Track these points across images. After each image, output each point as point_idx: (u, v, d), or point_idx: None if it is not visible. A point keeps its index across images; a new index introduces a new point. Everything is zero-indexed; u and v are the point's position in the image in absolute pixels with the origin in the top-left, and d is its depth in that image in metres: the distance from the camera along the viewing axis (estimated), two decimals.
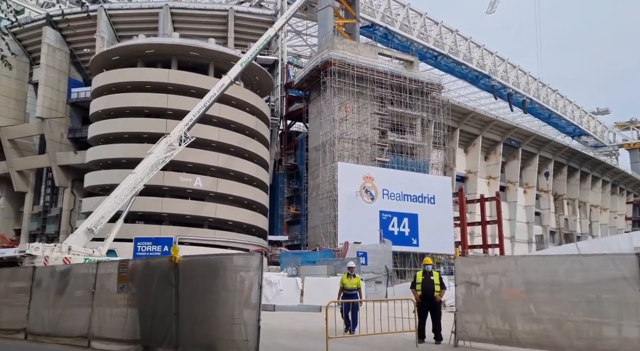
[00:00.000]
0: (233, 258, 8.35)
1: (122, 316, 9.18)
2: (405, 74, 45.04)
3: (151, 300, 8.87)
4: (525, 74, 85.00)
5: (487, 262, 9.21)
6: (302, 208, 47.65)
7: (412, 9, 67.56)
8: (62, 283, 10.59)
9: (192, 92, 38.03)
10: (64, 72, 52.75)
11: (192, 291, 8.43)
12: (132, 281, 9.32)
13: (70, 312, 10.26)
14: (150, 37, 41.45)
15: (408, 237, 42.05)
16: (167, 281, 8.65)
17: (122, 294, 9.39)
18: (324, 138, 42.98)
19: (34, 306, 11.01)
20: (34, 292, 11.07)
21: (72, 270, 10.68)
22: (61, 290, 10.53)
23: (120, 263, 9.66)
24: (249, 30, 51.11)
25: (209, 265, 8.58)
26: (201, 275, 8.44)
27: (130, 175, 26.10)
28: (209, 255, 11.99)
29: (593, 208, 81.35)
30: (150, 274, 9.13)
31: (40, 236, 51.42)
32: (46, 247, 22.50)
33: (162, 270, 8.85)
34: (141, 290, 9.20)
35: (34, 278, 11.17)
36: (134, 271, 9.40)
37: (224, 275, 8.05)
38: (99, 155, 39.41)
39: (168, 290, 8.60)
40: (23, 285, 11.32)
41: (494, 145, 64.19)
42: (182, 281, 8.49)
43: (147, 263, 9.59)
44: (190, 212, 37.46)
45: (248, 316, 7.41)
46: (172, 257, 8.59)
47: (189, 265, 8.67)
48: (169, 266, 8.68)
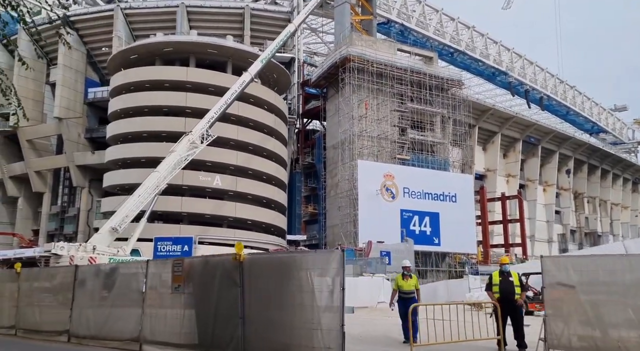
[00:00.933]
0: (308, 256, 7.80)
1: (177, 318, 8.62)
2: (425, 70, 44.30)
3: (212, 302, 8.33)
4: (542, 70, 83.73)
5: (586, 261, 8.05)
6: (320, 207, 47.12)
7: (428, 5, 66.78)
8: (109, 282, 10.10)
9: (211, 90, 37.70)
10: (81, 72, 52.77)
11: (261, 292, 7.85)
12: (189, 281, 8.74)
13: (118, 314, 9.73)
14: (169, 35, 41.20)
15: (429, 236, 41.33)
16: (230, 281, 8.10)
17: (178, 295, 8.80)
18: (343, 136, 42.39)
19: (78, 307, 10.51)
20: (77, 292, 10.58)
21: (119, 269, 10.16)
22: (107, 290, 10.04)
23: (175, 262, 9.07)
24: (265, 27, 50.72)
25: (280, 264, 8.01)
26: (271, 274, 7.88)
27: (153, 174, 25.77)
28: (279, 253, 11.41)
29: (614, 207, 79.84)
30: (210, 273, 8.56)
31: (58, 236, 51.47)
32: (71, 247, 22.24)
33: (224, 269, 8.31)
34: (200, 290, 8.62)
35: (76, 278, 10.67)
36: (191, 271, 8.82)
37: (298, 275, 7.44)
38: (118, 155, 39.21)
39: (232, 291, 8.06)
40: (64, 285, 10.85)
41: (513, 143, 63.14)
42: (248, 281, 7.94)
43: (207, 261, 8.95)
44: (209, 211, 37.12)
45: (330, 320, 6.83)
46: (236, 254, 8.00)
47: (255, 263, 8.13)
48: (232, 264, 8.10)
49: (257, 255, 8.54)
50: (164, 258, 9.54)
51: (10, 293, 12.13)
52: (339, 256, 7.18)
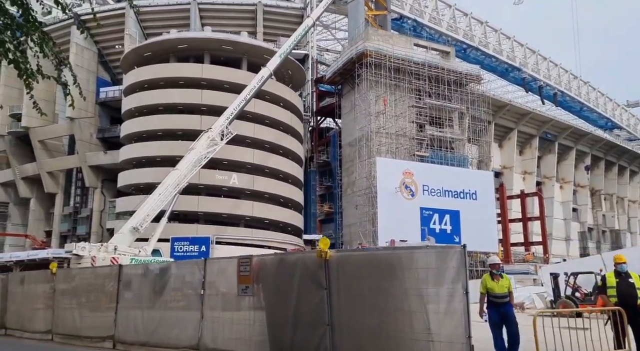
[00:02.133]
0: (418, 254, 6.70)
1: (246, 324, 7.67)
2: (442, 64, 43.40)
3: (289, 306, 7.37)
4: (556, 66, 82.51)
5: None
6: (336, 206, 46.30)
7: (441, 1, 65.90)
8: (159, 283, 9.20)
9: (226, 87, 37.05)
10: (92, 72, 52.33)
11: (353, 294, 6.83)
12: (260, 283, 7.81)
13: (172, 318, 8.78)
14: (183, 32, 40.55)
15: (450, 235, 40.37)
16: (313, 283, 7.15)
17: (245, 298, 7.85)
18: (360, 133, 41.55)
19: (123, 311, 9.67)
20: (122, 294, 9.77)
21: (171, 269, 9.28)
22: (158, 292, 9.15)
23: (241, 260, 8.07)
24: (279, 24, 50.11)
25: (378, 262, 6.87)
26: (366, 274, 6.83)
27: (173, 172, 25.08)
28: (376, 250, 10.27)
29: (631, 204, 78.49)
30: (287, 273, 7.61)
31: (71, 237, 50.98)
32: (92, 247, 21.52)
33: (305, 269, 7.39)
34: (273, 293, 7.72)
35: (120, 279, 9.85)
36: (262, 271, 7.89)
37: (403, 275, 6.42)
38: (132, 154, 38.59)
39: (316, 293, 7.09)
40: (107, 286, 10.04)
41: (529, 139, 62.12)
42: (337, 282, 6.96)
43: (282, 259, 8.02)
44: (226, 211, 36.43)
45: (451, 330, 5.84)
46: (321, 251, 7.05)
47: (346, 261, 7.11)
48: (316, 263, 7.16)
49: (348, 252, 7.61)
50: (228, 257, 8.54)
51: (45, 295, 11.33)
52: (459, 253, 6.14)
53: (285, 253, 8.83)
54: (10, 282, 12.30)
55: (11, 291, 12.08)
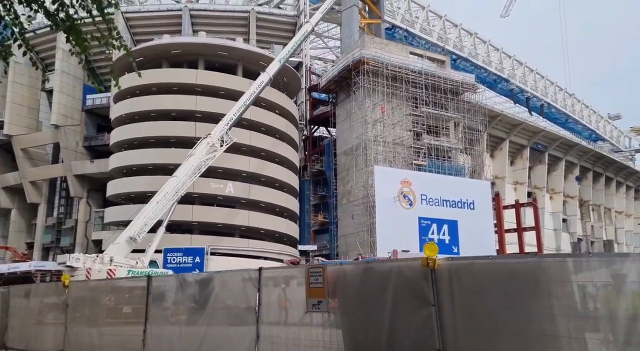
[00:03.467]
0: (574, 264, 5.33)
1: (318, 347, 6.49)
2: (439, 73, 43.06)
3: (380, 327, 6.10)
4: (542, 77, 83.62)
5: None
6: (331, 216, 45.33)
7: (431, 11, 66.18)
8: (201, 296, 8.02)
9: (221, 94, 36.12)
10: (79, 78, 50.81)
11: (476, 314, 5.57)
12: (337, 297, 6.61)
13: (217, 335, 7.58)
14: (177, 36, 39.52)
15: (448, 245, 39.69)
16: (415, 298, 5.93)
17: (317, 315, 6.62)
18: (357, 141, 40.84)
19: (154, 328, 8.47)
20: (152, 309, 8.58)
21: (214, 280, 8.03)
22: (199, 305, 7.98)
23: (312, 270, 6.78)
24: (271, 31, 49.54)
25: (514, 274, 5.47)
26: (495, 288, 5.58)
27: (172, 179, 23.94)
28: (502, 257, 8.77)
29: (617, 215, 79.10)
30: (376, 286, 6.30)
31: (55, 249, 49.14)
32: (87, 258, 20.21)
33: (402, 280, 6.15)
34: (356, 310, 6.42)
35: (149, 291, 8.69)
36: (340, 282, 6.63)
37: (551, 291, 5.15)
38: (123, 162, 37.21)
39: (419, 312, 5.87)
40: (133, 300, 8.89)
41: (521, 150, 62.09)
42: (450, 297, 5.74)
43: (368, 269, 6.67)
44: (221, 220, 35.21)
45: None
46: (426, 258, 5.83)
47: (464, 272, 5.83)
48: (418, 273, 5.95)
49: (467, 260, 6.27)
50: (286, 266, 7.38)
51: (55, 311, 10.09)
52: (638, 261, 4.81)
53: (375, 262, 7.66)
54: (12, 296, 11.02)
55: (13, 306, 10.81)
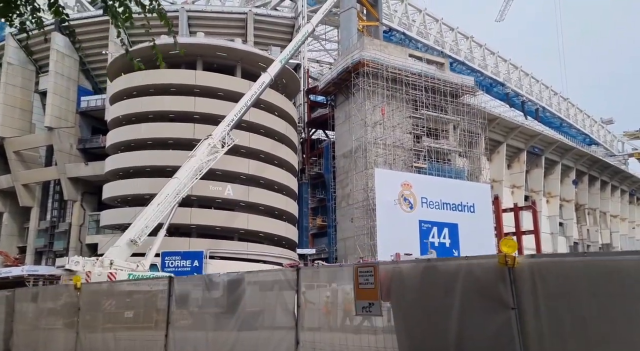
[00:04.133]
0: None
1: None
2: (439, 75, 42.84)
3: (446, 332, 5.49)
4: (537, 81, 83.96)
5: None
6: (330, 219, 44.86)
7: (428, 15, 66.24)
8: (230, 299, 7.43)
9: (220, 95, 35.64)
10: (74, 80, 50.15)
11: (568, 320, 4.89)
12: (392, 299, 5.98)
13: (251, 340, 6.97)
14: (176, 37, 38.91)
15: (449, 248, 39.37)
16: (489, 300, 5.30)
17: (368, 319, 6.05)
18: (356, 144, 40.48)
19: (177, 332, 7.86)
20: (174, 312, 7.97)
21: (245, 280, 7.38)
22: (228, 309, 7.40)
23: (361, 269, 6.18)
24: (269, 33, 49.14)
25: (617, 274, 4.69)
26: (592, 290, 4.82)
27: (173, 181, 23.37)
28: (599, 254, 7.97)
29: (612, 218, 79.28)
30: (440, 287, 5.67)
31: (48, 253, 48.27)
32: (87, 261, 19.58)
33: (473, 281, 5.49)
34: (416, 313, 5.79)
35: (171, 293, 8.08)
36: (395, 283, 5.99)
37: None
38: (119, 164, 36.51)
39: (494, 316, 5.22)
40: (152, 302, 8.32)
41: (518, 153, 62.05)
42: (533, 300, 5.05)
43: (430, 268, 5.93)
44: (220, 223, 34.62)
45: None
46: (504, 255, 5.18)
47: (550, 271, 5.12)
48: (493, 273, 5.30)
49: (553, 258, 5.58)
50: (336, 265, 6.80)
51: (65, 315, 9.47)
52: None
53: (437, 259, 6.99)
54: (18, 300, 10.40)
55: (19, 310, 10.20)
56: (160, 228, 24.12)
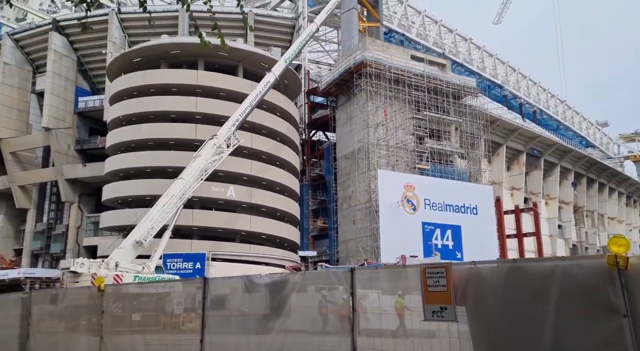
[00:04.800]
0: None
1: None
2: (441, 76, 42.65)
3: (536, 342, 4.95)
4: (535, 84, 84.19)
5: None
6: (331, 221, 44.49)
7: (427, 17, 66.21)
8: (274, 301, 7.01)
9: (222, 95, 35.25)
10: (71, 80, 49.56)
11: None
12: (468, 303, 5.49)
13: (301, 348, 6.49)
14: (177, 36, 38.55)
15: (452, 250, 39.10)
16: (592, 306, 4.79)
17: (440, 324, 5.52)
18: (358, 145, 40.17)
19: (214, 338, 7.35)
20: (210, 316, 7.53)
21: (290, 282, 6.99)
22: (273, 312, 6.99)
23: (429, 269, 5.70)
24: (269, 34, 48.79)
25: None
26: None
27: (178, 181, 22.94)
28: None
29: (610, 221, 79.40)
30: (530, 290, 5.11)
31: (44, 255, 47.61)
32: (92, 263, 19.09)
33: (572, 283, 4.92)
34: (499, 320, 5.23)
35: (205, 296, 7.64)
36: (472, 285, 5.51)
37: None
38: (119, 165, 35.99)
39: (601, 325, 4.72)
40: (186, 306, 7.89)
41: (517, 155, 61.95)
42: None
43: (517, 270, 5.36)
44: (222, 225, 34.18)
45: None
46: (614, 255, 4.71)
47: None
48: (598, 275, 4.83)
49: None
50: (398, 266, 6.25)
51: (88, 318, 9.01)
52: None
53: (521, 259, 6.43)
54: (35, 302, 9.92)
55: (36, 313, 9.73)
56: (163, 230, 23.63)
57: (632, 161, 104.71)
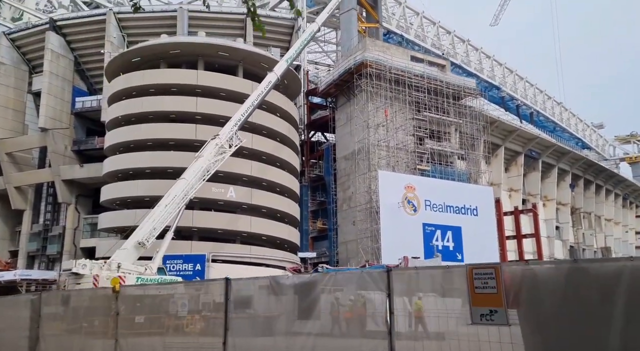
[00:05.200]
0: None
1: None
2: (441, 77, 42.57)
3: (603, 349, 4.61)
4: (532, 85, 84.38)
5: None
6: (331, 222, 44.27)
7: (425, 18, 66.18)
8: (303, 303, 6.74)
9: (222, 95, 34.99)
10: (68, 80, 49.14)
11: None
12: (521, 306, 5.18)
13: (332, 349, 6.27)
14: (177, 36, 38.25)
15: (452, 252, 38.95)
16: None
17: (489, 328, 5.17)
18: (359, 146, 39.99)
19: (238, 341, 7.04)
20: (233, 318, 7.21)
21: (319, 283, 6.67)
22: (302, 314, 6.70)
23: (476, 270, 5.38)
24: (268, 34, 48.40)
25: None
26: None
27: (180, 182, 22.66)
28: None
29: (607, 222, 79.59)
30: (593, 293, 4.82)
31: (40, 257, 47.15)
32: (94, 265, 18.78)
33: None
34: (557, 324, 4.93)
35: (228, 297, 7.32)
36: (525, 287, 5.20)
37: None
38: (118, 165, 35.63)
39: None
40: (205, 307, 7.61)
41: (515, 156, 61.95)
42: None
43: (579, 271, 5.05)
44: (222, 226, 33.88)
45: None
46: None
47: None
48: None
49: None
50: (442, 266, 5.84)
51: (102, 320, 8.69)
52: None
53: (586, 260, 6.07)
54: (45, 304, 9.59)
55: (47, 315, 9.41)
56: (164, 231, 23.34)
57: (628, 163, 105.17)
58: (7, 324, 10.62)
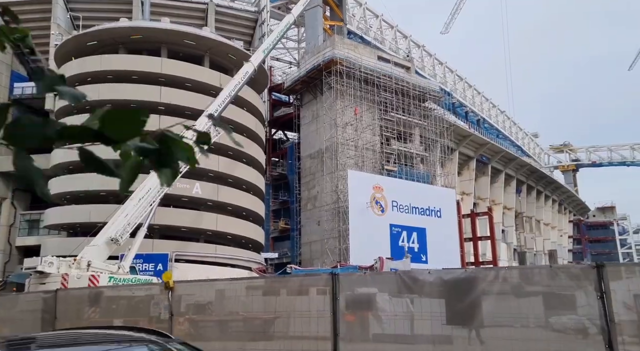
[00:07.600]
0: None
1: None
2: (407, 79, 42.56)
3: None
4: (479, 93, 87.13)
5: None
6: (293, 222, 43.09)
7: (384, 21, 66.51)
8: (460, 304, 5.50)
9: (188, 86, 32.97)
10: (6, 64, 44.94)
11: None
12: None
13: None
14: (139, 21, 35.70)
15: (417, 253, 38.84)
16: None
17: None
18: (326, 144, 39.13)
19: (357, 348, 5.75)
20: (346, 322, 5.66)
21: (481, 280, 5.50)
22: (461, 317, 5.47)
23: None
24: (230, 26, 46.91)
25: None
26: None
27: (155, 174, 20.65)
28: None
29: (545, 226, 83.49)
30: None
31: None
32: (62, 263, 16.57)
33: None
34: None
35: (336, 296, 6.03)
36: None
37: None
38: (69, 157, 32.43)
39: None
40: (301, 307, 6.10)
41: (467, 161, 63.48)
42: None
43: None
44: (187, 224, 31.79)
45: None
46: None
47: None
48: None
49: None
50: None
51: (151, 321, 7.04)
52: None
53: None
54: (61, 301, 7.65)
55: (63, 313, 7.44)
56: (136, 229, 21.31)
57: (561, 171, 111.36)
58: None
